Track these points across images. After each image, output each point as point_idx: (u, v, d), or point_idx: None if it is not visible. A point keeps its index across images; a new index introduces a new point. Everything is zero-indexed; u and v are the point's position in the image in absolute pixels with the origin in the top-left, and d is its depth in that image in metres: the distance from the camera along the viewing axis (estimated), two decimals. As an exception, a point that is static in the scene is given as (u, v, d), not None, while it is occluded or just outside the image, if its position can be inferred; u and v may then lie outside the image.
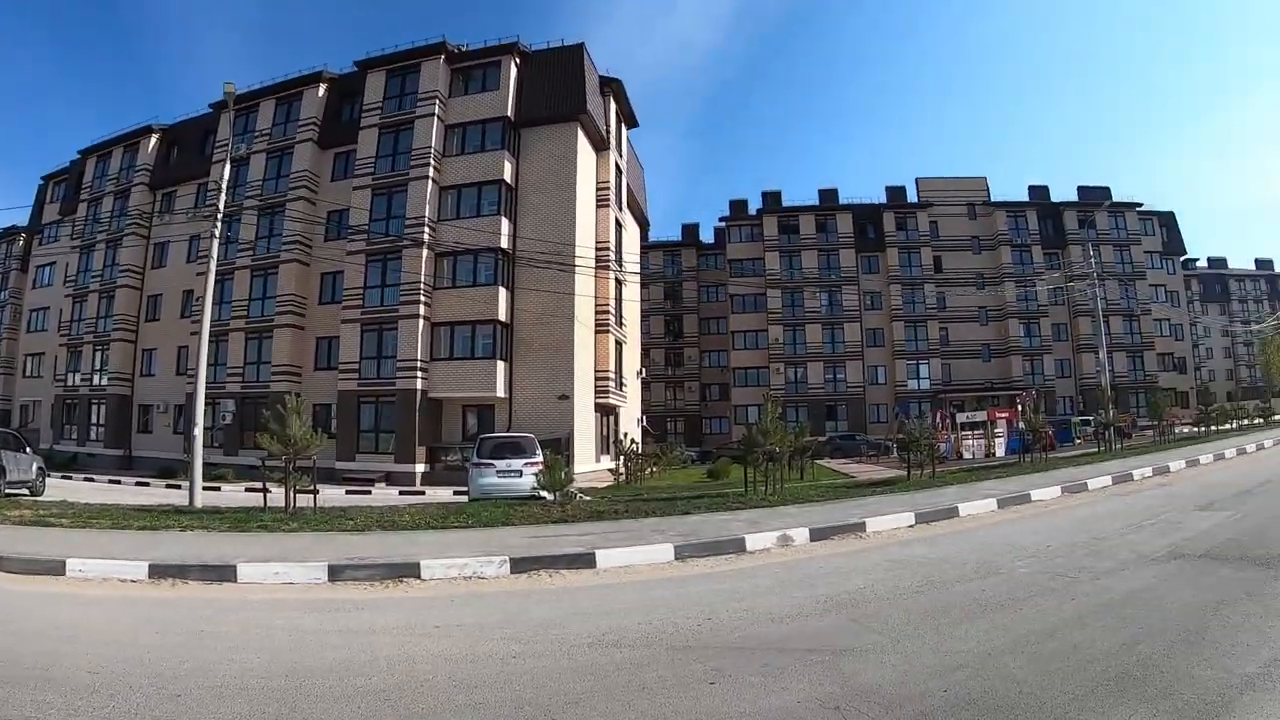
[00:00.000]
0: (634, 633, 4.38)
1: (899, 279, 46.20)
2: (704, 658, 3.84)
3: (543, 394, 21.87)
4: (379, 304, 23.25)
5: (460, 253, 22.88)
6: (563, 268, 21.75)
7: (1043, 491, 11.10)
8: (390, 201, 24.15)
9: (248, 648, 4.22)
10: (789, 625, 4.49)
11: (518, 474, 13.02)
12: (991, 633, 4.16)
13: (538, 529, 8.69)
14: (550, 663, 3.84)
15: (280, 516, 9.81)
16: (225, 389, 25.72)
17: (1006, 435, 23.31)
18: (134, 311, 30.59)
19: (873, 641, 4.03)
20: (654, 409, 46.52)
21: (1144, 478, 13.45)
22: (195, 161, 29.61)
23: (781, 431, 12.30)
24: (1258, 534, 7.06)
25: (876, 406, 44.79)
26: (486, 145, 23.92)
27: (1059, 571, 5.82)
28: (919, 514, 9.06)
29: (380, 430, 22.84)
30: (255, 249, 26.25)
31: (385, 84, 25.61)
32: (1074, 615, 4.50)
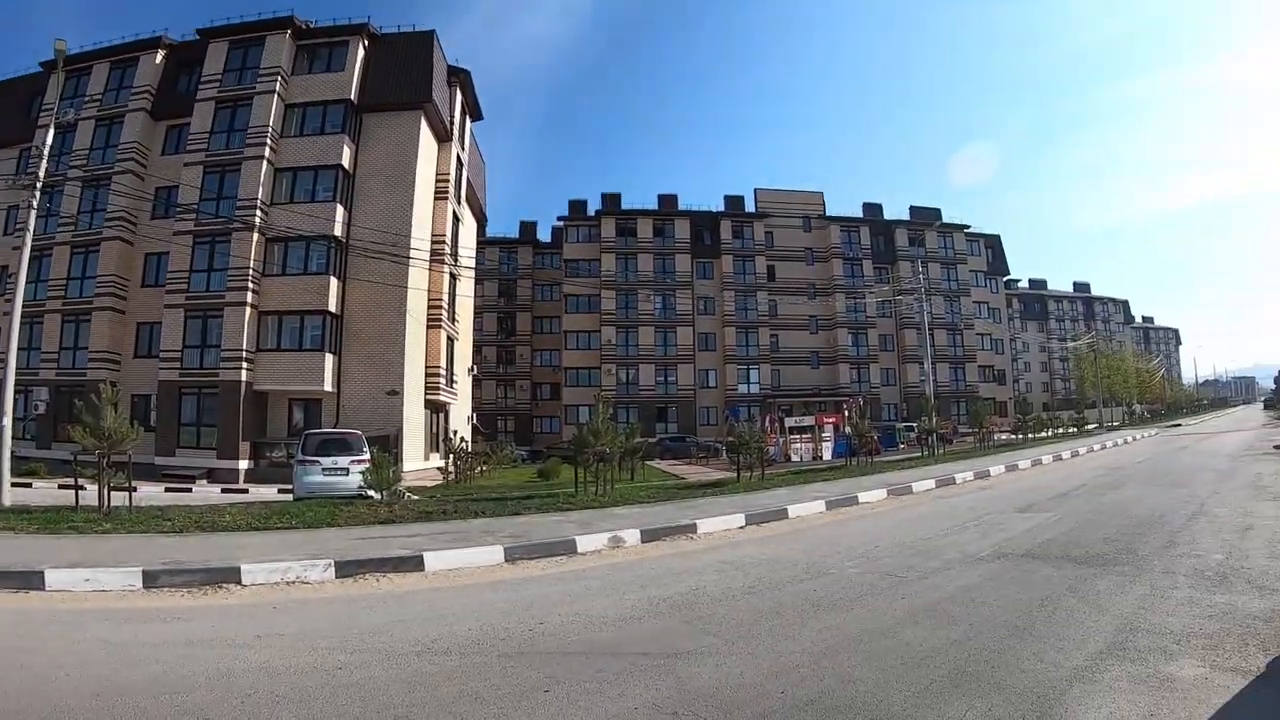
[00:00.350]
0: (464, 639, 4.28)
1: (733, 285, 47.62)
2: (537, 664, 3.80)
3: (372, 389, 21.42)
4: (205, 289, 22.20)
5: (292, 239, 22.03)
6: (397, 259, 21.26)
7: (870, 494, 11.53)
8: (223, 180, 23.01)
9: (54, 664, 3.94)
10: (623, 629, 4.46)
11: (344, 472, 12.74)
12: (826, 632, 4.20)
13: (364, 530, 8.54)
14: (378, 673, 3.71)
15: (93, 517, 9.29)
16: (39, 376, 24.00)
17: (833, 439, 24.32)
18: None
19: (708, 644, 4.02)
20: (485, 407, 46.18)
21: (966, 481, 14.02)
22: (19, 124, 27.21)
23: (613, 432, 12.36)
24: (1076, 534, 7.39)
25: (707, 409, 46.19)
26: (327, 128, 23.06)
27: (888, 571, 5.95)
28: (749, 515, 9.20)
29: (203, 424, 21.84)
30: (77, 224, 24.56)
31: (227, 56, 24.30)
32: (905, 613, 4.59)
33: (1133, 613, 4.38)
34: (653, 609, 4.91)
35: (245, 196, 22.25)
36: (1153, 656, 3.56)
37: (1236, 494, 9.98)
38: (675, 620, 4.60)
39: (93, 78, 26.20)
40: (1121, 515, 8.60)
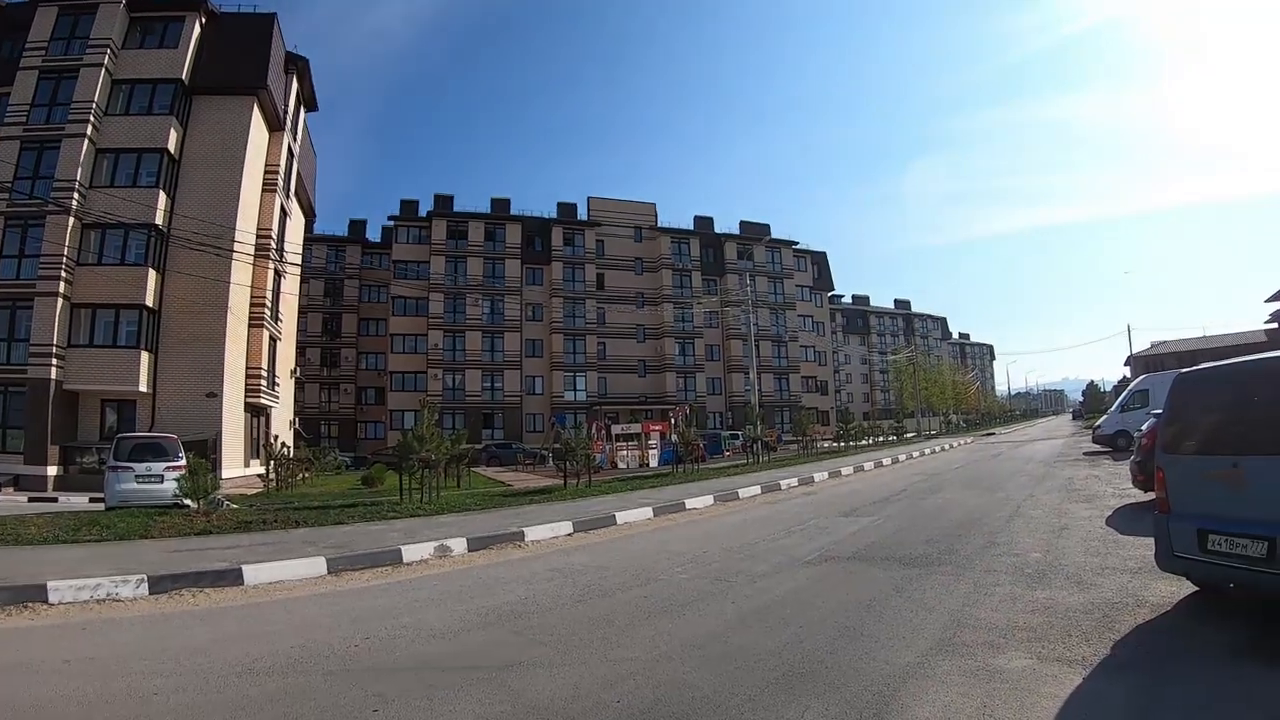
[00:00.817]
0: (287, 658, 4.16)
1: (562, 293, 48.25)
2: (364, 682, 3.71)
3: (190, 390, 20.87)
4: (14, 276, 21.14)
5: (111, 226, 21.16)
6: (220, 253, 20.65)
7: (697, 500, 11.84)
8: (40, 158, 21.93)
9: None
10: (452, 641, 4.43)
11: (159, 479, 12.57)
12: (658, 638, 4.24)
13: (181, 541, 8.39)
14: (195, 698, 3.56)
15: None
16: None
17: (660, 447, 24.75)
18: None
19: (540, 654, 4.02)
20: (308, 411, 45.60)
21: (790, 487, 14.44)
22: None
23: (439, 438, 12.37)
24: (899, 537, 7.69)
25: (534, 416, 46.51)
26: (155, 108, 22.24)
27: (718, 576, 6.06)
28: (577, 522, 9.36)
29: (8, 426, 20.85)
30: None
31: (55, 22, 23.11)
32: (736, 617, 4.70)
33: (958, 610, 4.54)
34: (483, 620, 4.92)
35: (63, 177, 21.28)
36: (980, 651, 3.73)
37: (1050, 496, 10.40)
38: (506, 631, 4.63)
39: None
40: (943, 518, 8.98)
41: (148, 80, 22.49)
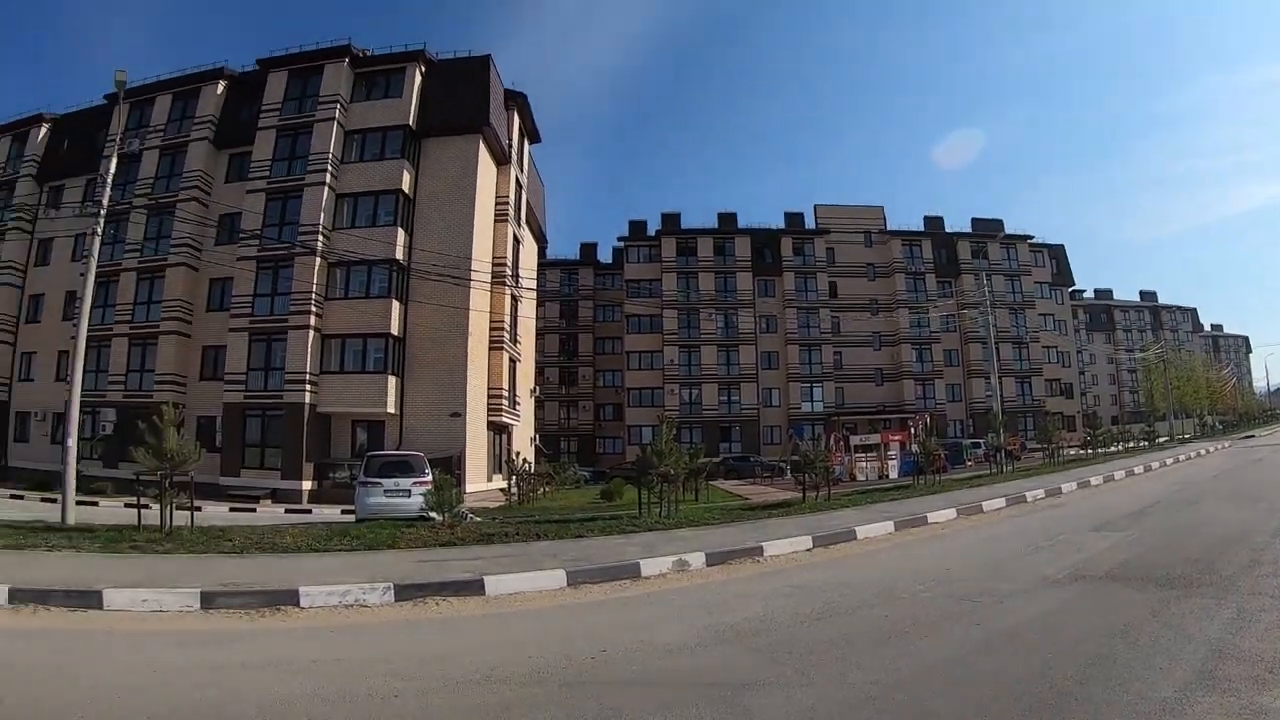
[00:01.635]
0: (525, 667, 4.48)
1: (795, 303, 51.33)
2: (599, 695, 3.92)
3: (434, 411, 23.94)
4: (269, 313, 25.10)
5: (354, 263, 24.72)
6: (458, 282, 23.73)
7: (939, 514, 11.90)
8: (285, 207, 25.94)
9: (108, 686, 4.26)
10: (688, 657, 4.62)
11: (406, 494, 13.82)
12: (898, 661, 4.31)
13: (425, 552, 9.12)
14: (434, 701, 3.91)
15: (155, 536, 10.15)
16: (106, 397, 27.16)
17: (899, 458, 25.79)
18: (14, 311, 31.88)
19: (776, 673, 4.14)
20: (548, 428, 50.42)
21: (1037, 499, 14.56)
22: (87, 155, 30.78)
23: (676, 452, 13.08)
24: (1154, 554, 7.58)
25: (771, 428, 49.36)
26: (386, 153, 25.98)
27: (962, 595, 6.08)
28: (816, 537, 9.61)
29: (267, 445, 24.66)
30: (143, 250, 27.92)
31: (287, 85, 27.54)
32: (981, 641, 4.71)
33: (1220, 638, 4.42)
34: (719, 636, 5.10)
35: (307, 222, 25.19)
36: (1245, 686, 3.59)
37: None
38: (742, 648, 4.77)
39: (156, 108, 29.73)
40: (1202, 533, 8.87)
41: (377, 129, 26.29)
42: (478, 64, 26.91)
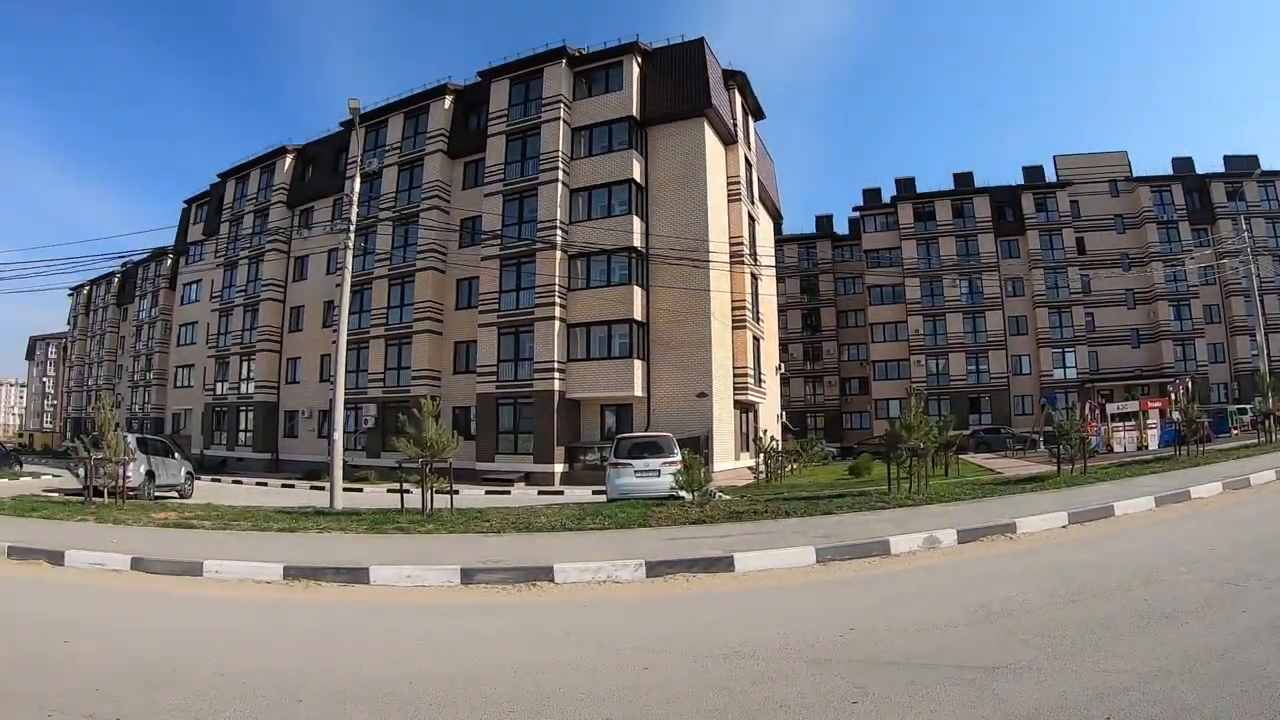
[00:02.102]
0: (772, 643, 4.70)
1: (1041, 263, 49.92)
2: (846, 673, 4.08)
3: (680, 392, 25.82)
4: (515, 307, 28.08)
5: (593, 253, 27.02)
6: (697, 264, 25.26)
7: (1203, 488, 11.59)
8: (521, 206, 28.69)
9: (375, 653, 4.85)
10: (936, 637, 4.73)
11: (655, 474, 14.89)
12: (1156, 650, 4.29)
13: (675, 530, 9.75)
14: (683, 675, 4.15)
15: (417, 518, 11.44)
16: (367, 394, 31.33)
17: (1160, 427, 24.65)
18: (278, 323, 37.33)
19: (1027, 658, 4.19)
20: (793, 405, 52.75)
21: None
22: (330, 178, 35.71)
23: (925, 426, 13.26)
24: None
25: (1021, 398, 48.31)
26: (614, 145, 28.21)
27: (1227, 579, 5.97)
28: (1072, 513, 9.61)
29: (519, 431, 27.68)
30: (392, 259, 31.90)
31: (509, 91, 30.58)
32: (1247, 630, 4.60)
33: None
34: (969, 616, 5.21)
35: (545, 218, 27.89)
36: None
37: None
38: (993, 629, 4.86)
39: (389, 128, 33.86)
40: None
41: (602, 123, 28.67)
42: (693, 48, 28.47)
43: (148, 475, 18.19)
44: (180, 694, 4.02)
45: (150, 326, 51.96)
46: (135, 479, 16.83)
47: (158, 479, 18.88)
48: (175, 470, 20.40)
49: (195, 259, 44.50)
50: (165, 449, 20.94)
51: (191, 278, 44.78)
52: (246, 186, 40.51)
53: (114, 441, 14.56)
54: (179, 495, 19.83)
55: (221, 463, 36.55)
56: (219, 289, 40.53)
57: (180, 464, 21.05)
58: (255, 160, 40.19)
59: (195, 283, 44.31)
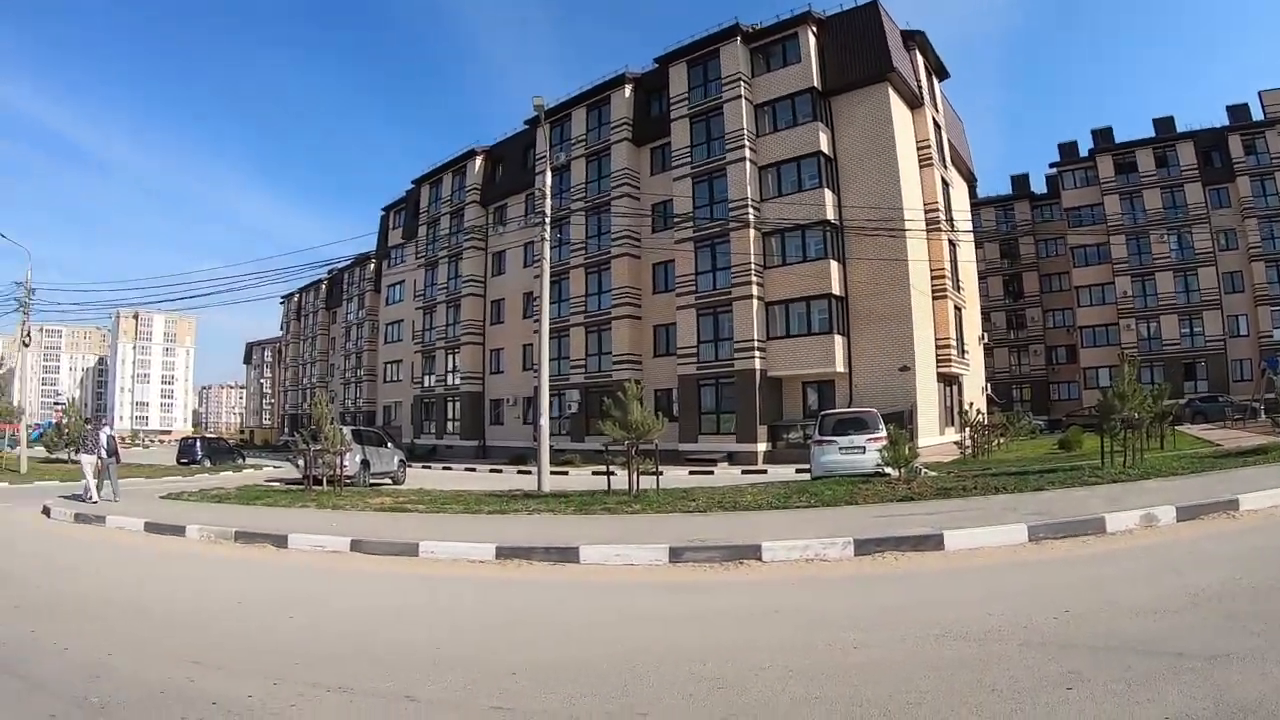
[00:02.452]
0: (982, 625, 4.80)
1: (1253, 211, 47.17)
2: (1059, 657, 4.12)
3: (882, 366, 27.20)
4: (712, 288, 30.39)
5: (787, 230, 28.84)
6: (893, 234, 26.36)
7: None
8: (711, 187, 30.94)
9: (585, 629, 5.25)
10: (1155, 622, 4.72)
11: (860, 450, 15.40)
12: None
13: (882, 508, 10.08)
14: (891, 655, 4.33)
15: (623, 499, 12.19)
16: (569, 380, 34.96)
17: None
18: (479, 316, 41.96)
19: (1252, 646, 4.11)
20: (997, 376, 52.36)
21: None
22: (519, 174, 39.56)
23: (1140, 395, 13.03)
24: None
25: (1239, 362, 45.77)
26: (798, 119, 29.77)
27: None
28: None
29: (721, 411, 30.12)
30: (587, 248, 35.27)
31: (687, 75, 32.89)
32: None
33: None
34: (1190, 600, 5.16)
35: (735, 198, 29.95)
36: None
37: None
38: (1214, 614, 4.81)
39: (572, 122, 37.13)
40: None
41: (784, 97, 30.36)
42: (867, 11, 29.38)
43: (363, 464, 20.30)
44: (399, 665, 4.53)
45: (358, 327, 59.96)
46: (351, 468, 18.64)
47: (372, 467, 21.04)
48: (389, 459, 22.70)
49: (397, 261, 50.84)
50: (379, 439, 23.39)
51: (394, 279, 51.40)
52: (440, 190, 45.75)
53: (331, 433, 16.34)
54: (392, 482, 22.04)
55: (431, 450, 42.05)
56: (421, 288, 46.20)
57: (393, 453, 23.41)
58: (446, 164, 45.30)
59: (398, 284, 50.73)
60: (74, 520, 13.02)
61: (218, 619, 6.04)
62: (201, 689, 4.17)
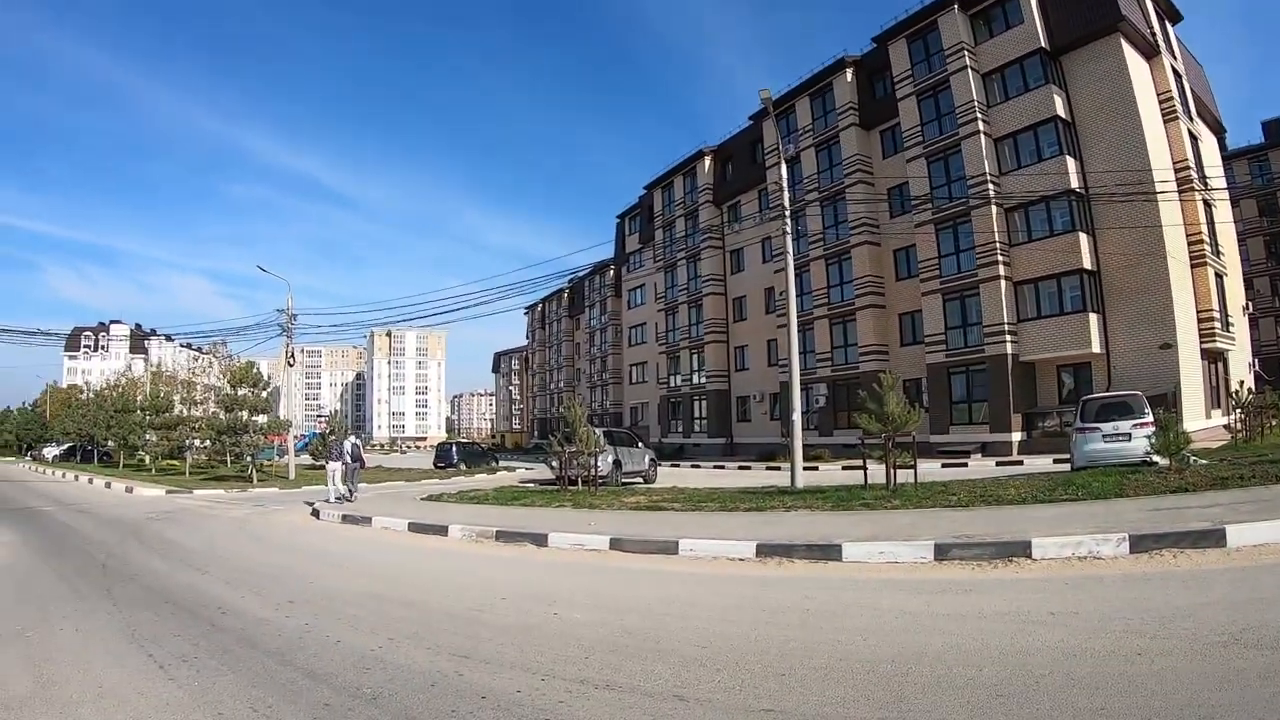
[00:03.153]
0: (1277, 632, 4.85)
1: None
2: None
3: (1140, 344, 28.75)
4: (956, 271, 33.57)
5: (1030, 203, 31.35)
6: (1145, 198, 28.23)
7: None
8: (946, 165, 34.37)
9: (853, 629, 5.69)
10: None
11: (1126, 438, 15.62)
12: None
13: (1155, 500, 10.33)
14: (1179, 664, 4.41)
15: (881, 494, 13.13)
16: (815, 374, 39.95)
17: None
18: (721, 314, 48.13)
19: None
20: (1264, 350, 49.40)
21: None
22: (749, 170, 44.71)
23: None
24: None
25: None
26: (1029, 84, 31.68)
27: None
28: None
29: (972, 400, 33.06)
30: (825, 239, 40.23)
31: (908, 51, 36.06)
32: None
33: None
34: None
35: (973, 174, 32.83)
36: None
37: None
38: None
39: (797, 113, 41.94)
40: None
41: (1011, 62, 32.32)
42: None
43: (615, 464, 23.01)
44: (665, 664, 4.92)
45: (601, 332, 69.19)
46: (604, 468, 21.02)
47: (624, 467, 23.92)
48: (639, 458, 25.73)
49: (635, 266, 58.71)
50: (629, 439, 26.63)
51: (634, 283, 59.57)
52: (672, 193, 52.57)
53: (585, 435, 18.32)
54: (644, 481, 24.81)
55: (679, 449, 48.74)
56: (661, 290, 53.48)
57: (643, 452, 26.55)
58: (676, 167, 52.11)
59: (638, 287, 58.63)
60: (341, 521, 15.73)
61: (482, 614, 6.87)
62: (470, 682, 4.73)
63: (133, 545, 12.57)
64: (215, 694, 4.67)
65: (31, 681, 5.08)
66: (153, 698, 4.63)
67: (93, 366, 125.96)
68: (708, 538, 9.90)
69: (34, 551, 11.94)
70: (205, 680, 4.96)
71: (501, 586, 8.25)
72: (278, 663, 5.35)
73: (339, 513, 16.29)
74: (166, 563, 10.65)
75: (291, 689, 4.71)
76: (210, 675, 5.07)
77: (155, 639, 6.14)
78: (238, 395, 30.54)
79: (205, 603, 7.68)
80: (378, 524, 14.65)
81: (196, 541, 13.04)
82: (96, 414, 45.14)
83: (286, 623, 6.64)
